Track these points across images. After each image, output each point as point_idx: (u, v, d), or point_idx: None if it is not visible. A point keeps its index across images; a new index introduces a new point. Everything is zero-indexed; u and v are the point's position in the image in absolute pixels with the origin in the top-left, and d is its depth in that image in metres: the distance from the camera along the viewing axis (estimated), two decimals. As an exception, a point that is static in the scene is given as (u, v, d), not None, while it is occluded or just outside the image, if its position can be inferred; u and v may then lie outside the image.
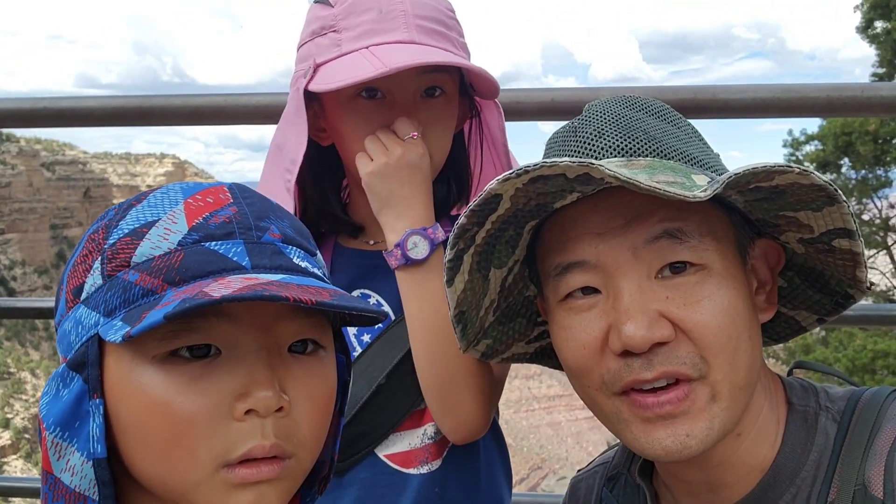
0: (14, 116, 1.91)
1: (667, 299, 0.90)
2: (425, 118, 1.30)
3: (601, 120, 0.99)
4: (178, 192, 0.80)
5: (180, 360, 0.72)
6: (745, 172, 0.83)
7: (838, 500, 0.91)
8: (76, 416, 0.75)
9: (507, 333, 1.16)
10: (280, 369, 0.76)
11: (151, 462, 0.75)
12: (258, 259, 0.75)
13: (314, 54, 1.29)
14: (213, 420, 0.72)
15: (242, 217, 0.78)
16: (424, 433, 1.36)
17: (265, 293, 0.67)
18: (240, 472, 0.72)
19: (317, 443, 0.81)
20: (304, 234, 0.84)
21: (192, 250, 0.74)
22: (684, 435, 0.89)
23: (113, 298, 0.74)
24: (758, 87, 1.72)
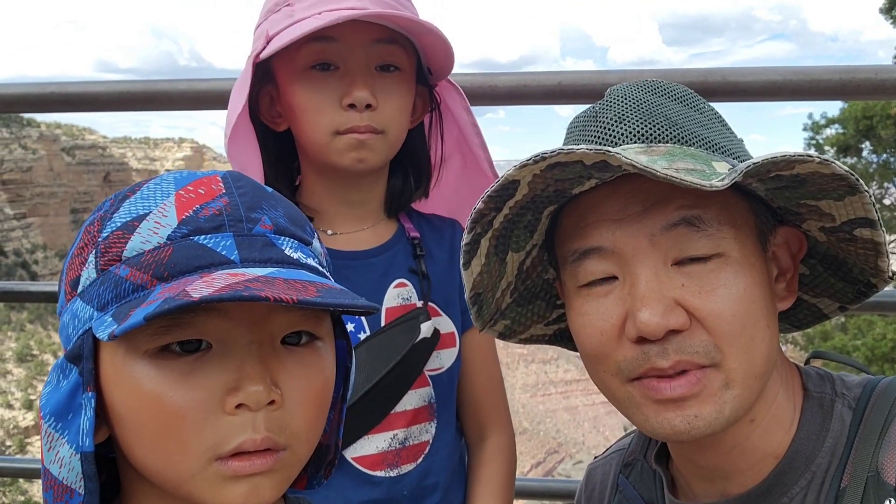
0: (22, 101, 1.92)
1: (682, 287, 0.90)
2: (380, 91, 1.29)
3: (622, 105, 0.99)
4: (171, 183, 0.79)
5: (172, 355, 0.73)
6: (764, 161, 0.82)
7: (851, 486, 0.91)
8: (70, 408, 0.75)
9: (526, 315, 1.16)
10: (273, 362, 0.76)
11: (146, 454, 0.76)
12: (248, 252, 0.75)
13: (268, 28, 1.29)
14: (205, 414, 0.72)
15: (233, 209, 0.77)
16: (394, 437, 1.37)
17: (244, 293, 0.66)
18: (232, 464, 0.73)
19: (312, 434, 0.81)
20: (299, 223, 0.83)
21: (180, 245, 0.74)
22: (693, 416, 0.90)
23: (105, 293, 0.74)
24: (769, 70, 1.69)
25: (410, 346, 1.35)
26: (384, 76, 1.31)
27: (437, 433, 1.41)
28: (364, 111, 1.27)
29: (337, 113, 1.28)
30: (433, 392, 1.42)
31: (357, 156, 1.30)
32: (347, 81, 1.27)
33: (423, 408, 1.40)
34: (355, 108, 1.27)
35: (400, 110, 1.34)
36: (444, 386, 1.43)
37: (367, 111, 1.27)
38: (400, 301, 1.40)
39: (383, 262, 1.40)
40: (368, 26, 1.26)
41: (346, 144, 1.29)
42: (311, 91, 1.29)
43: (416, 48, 1.36)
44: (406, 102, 1.35)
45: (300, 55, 1.27)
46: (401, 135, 1.36)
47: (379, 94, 1.28)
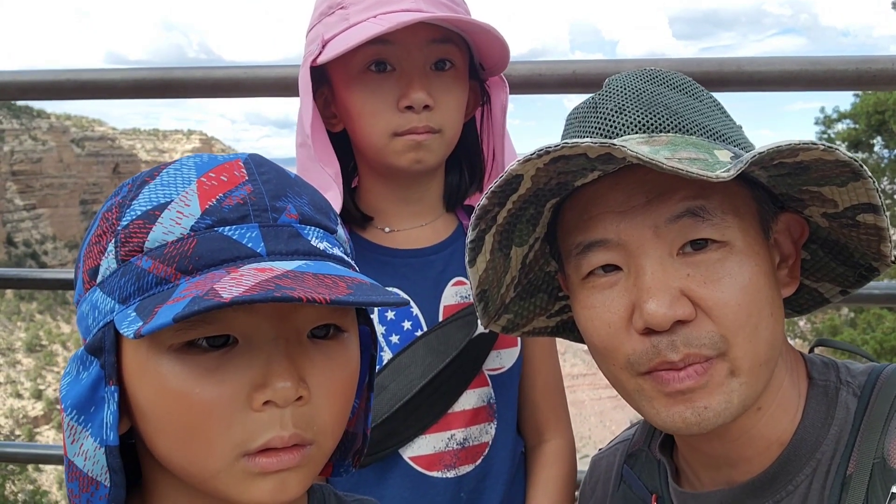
0: (38, 88, 1.92)
1: (688, 276, 0.90)
2: (436, 91, 1.29)
3: (622, 95, 0.98)
4: (192, 168, 0.77)
5: (197, 350, 0.71)
6: (769, 151, 0.82)
7: (856, 473, 0.91)
8: (92, 401, 0.74)
9: (529, 308, 1.16)
10: (300, 357, 0.74)
11: (171, 449, 0.74)
12: (274, 244, 0.73)
13: (322, 33, 1.29)
14: (231, 410, 0.71)
15: (258, 197, 0.75)
16: (452, 437, 1.36)
17: (276, 293, 0.64)
18: (260, 461, 0.72)
19: (339, 427, 0.80)
20: (324, 210, 0.81)
21: (205, 236, 0.71)
22: (702, 407, 0.90)
23: (127, 285, 0.72)
24: (784, 59, 1.68)
25: (468, 342, 1.35)
26: (440, 75, 1.30)
27: (497, 434, 1.40)
28: (421, 112, 1.27)
29: (394, 115, 1.27)
30: (493, 392, 1.41)
31: (415, 156, 1.29)
32: (404, 83, 1.27)
33: (483, 408, 1.39)
34: (412, 110, 1.27)
35: (456, 109, 1.34)
36: (504, 386, 1.42)
37: (424, 112, 1.27)
38: (458, 299, 1.39)
39: (442, 259, 1.40)
40: (424, 27, 1.25)
41: (405, 146, 1.28)
42: (367, 93, 1.28)
43: (469, 44, 1.35)
44: (461, 100, 1.35)
45: (356, 58, 1.26)
46: (457, 132, 1.36)
47: (435, 93, 1.28)
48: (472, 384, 1.38)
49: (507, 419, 1.43)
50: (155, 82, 1.85)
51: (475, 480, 1.37)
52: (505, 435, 1.41)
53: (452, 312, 1.38)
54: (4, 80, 1.93)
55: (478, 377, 1.39)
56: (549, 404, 1.50)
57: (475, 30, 1.28)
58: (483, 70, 1.40)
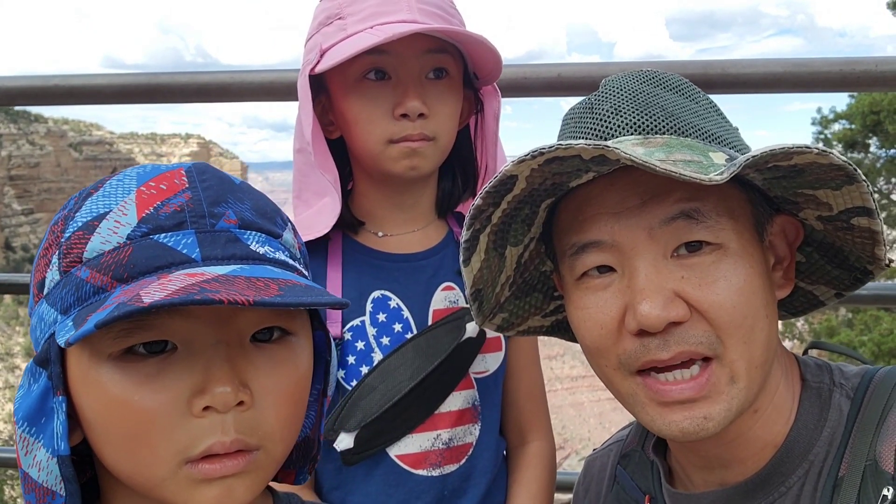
0: (26, 94, 1.93)
1: (682, 279, 0.90)
2: (431, 99, 1.31)
3: (617, 96, 0.99)
4: (133, 178, 0.77)
5: (136, 357, 0.71)
6: (763, 154, 0.82)
7: (849, 475, 0.91)
8: (42, 412, 0.74)
9: (523, 307, 1.17)
10: (241, 362, 0.74)
11: (117, 457, 0.75)
12: (210, 250, 0.73)
13: (320, 42, 1.32)
14: (172, 417, 0.71)
15: (196, 204, 0.75)
16: (438, 437, 1.39)
17: (196, 296, 0.64)
18: (203, 467, 0.72)
19: (287, 432, 0.79)
20: (269, 215, 0.81)
21: (140, 244, 0.72)
22: (702, 417, 0.90)
23: (68, 296, 0.73)
24: (768, 62, 1.69)
25: (455, 346, 1.38)
26: (435, 83, 1.33)
27: (480, 436, 1.44)
28: (416, 120, 1.30)
29: (390, 122, 1.30)
30: (477, 395, 1.44)
31: (410, 163, 1.32)
32: (400, 91, 1.30)
33: (467, 410, 1.42)
34: (408, 118, 1.29)
35: (450, 117, 1.36)
36: (488, 389, 1.46)
37: (419, 120, 1.30)
38: (447, 304, 1.42)
39: (432, 265, 1.43)
40: (419, 37, 1.28)
41: (399, 153, 1.31)
42: (364, 101, 1.31)
43: (463, 54, 1.38)
44: (455, 108, 1.38)
45: (353, 67, 1.29)
46: (451, 140, 1.38)
47: (430, 101, 1.31)
48: (458, 386, 1.41)
49: (491, 421, 1.46)
50: (142, 87, 1.87)
51: (459, 479, 1.41)
52: (488, 436, 1.45)
53: (441, 316, 1.40)
54: (-8, 86, 1.93)
55: (464, 380, 1.42)
56: (532, 407, 1.53)
57: (469, 41, 1.31)
58: (477, 79, 1.43)
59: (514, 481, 1.49)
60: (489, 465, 1.44)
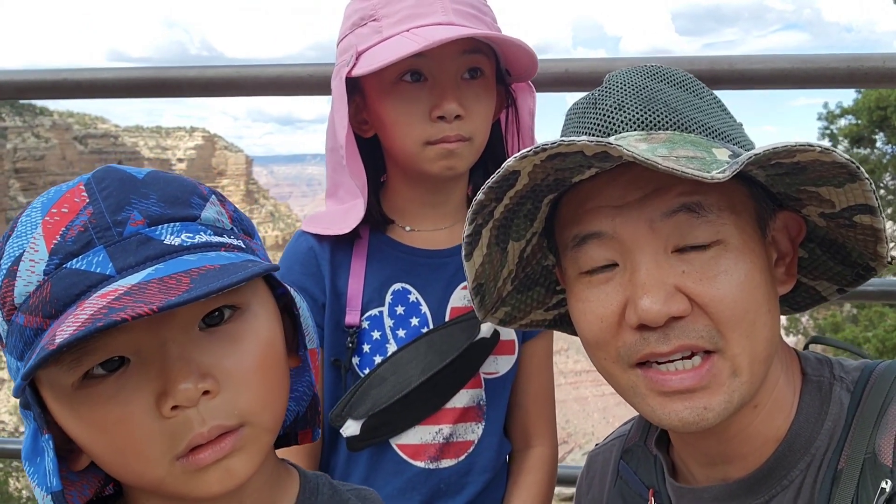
0: (35, 87, 1.94)
1: (683, 274, 0.90)
2: (467, 100, 1.32)
3: (621, 92, 0.99)
4: (39, 209, 0.77)
5: (97, 380, 0.73)
6: (765, 152, 0.82)
7: (847, 468, 0.92)
8: (36, 452, 0.77)
9: (526, 301, 1.17)
10: (195, 353, 0.75)
11: (116, 470, 0.78)
12: (122, 260, 0.73)
13: (355, 44, 1.32)
14: (146, 424, 0.73)
15: (98, 218, 0.74)
16: (439, 432, 1.41)
17: (99, 324, 0.64)
18: (193, 458, 0.74)
19: (270, 401, 0.81)
20: (180, 200, 0.79)
21: (57, 276, 0.72)
22: (702, 408, 0.90)
23: (18, 343, 0.74)
24: (777, 58, 1.68)
25: (469, 344, 1.40)
26: (470, 84, 1.34)
27: (483, 435, 1.45)
28: (453, 121, 1.31)
29: (427, 124, 1.31)
30: (484, 395, 1.46)
31: (447, 164, 1.34)
32: (437, 93, 1.31)
33: (472, 408, 1.44)
34: (445, 120, 1.30)
35: (485, 116, 1.38)
36: (496, 390, 1.47)
37: (455, 121, 1.31)
38: (466, 302, 1.44)
39: (455, 263, 1.44)
40: (455, 40, 1.27)
41: (437, 154, 1.33)
42: (401, 104, 1.32)
43: (496, 51, 1.39)
44: (490, 107, 1.40)
45: (389, 70, 1.29)
46: (485, 138, 1.40)
47: (466, 102, 1.32)
48: (466, 384, 1.43)
49: (495, 421, 1.47)
50: (149, 81, 1.87)
51: (456, 475, 1.42)
52: (491, 436, 1.46)
53: (459, 314, 1.42)
54: (1, 80, 1.94)
55: (473, 378, 1.43)
56: (539, 412, 1.54)
57: (507, 44, 1.32)
58: (509, 76, 1.44)
59: (514, 484, 1.51)
60: (489, 465, 1.45)
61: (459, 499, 1.42)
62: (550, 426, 1.56)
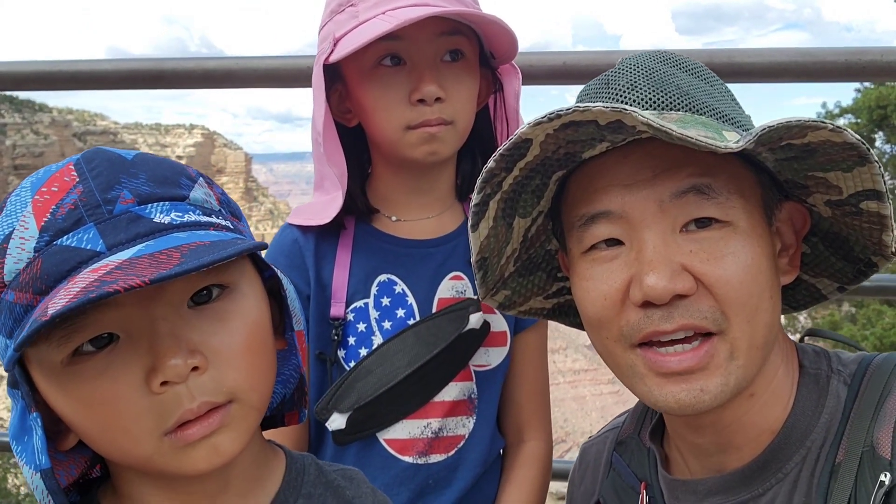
0: (33, 79, 1.94)
1: (690, 253, 0.90)
2: (447, 82, 1.30)
3: (634, 73, 0.99)
4: (28, 189, 0.77)
5: (85, 357, 0.73)
6: (779, 126, 0.82)
7: (846, 461, 0.91)
8: (23, 431, 0.77)
9: (526, 286, 1.17)
10: (184, 330, 0.76)
11: (104, 447, 0.78)
12: (113, 237, 0.74)
13: (333, 31, 1.31)
14: (134, 400, 0.73)
15: (88, 196, 0.75)
16: (428, 426, 1.39)
17: (91, 295, 0.65)
18: (182, 434, 0.75)
19: (258, 380, 0.82)
20: (169, 180, 0.81)
21: (47, 253, 0.73)
22: (699, 389, 0.90)
23: (7, 320, 0.75)
24: (775, 51, 1.69)
25: (457, 335, 1.37)
26: (450, 66, 1.32)
27: (474, 429, 1.43)
28: (434, 104, 1.29)
29: (407, 108, 1.29)
30: (476, 388, 1.43)
31: (429, 149, 1.32)
32: (416, 76, 1.28)
33: (462, 401, 1.42)
34: (425, 103, 1.28)
35: (468, 99, 1.35)
36: (488, 384, 1.45)
37: (436, 104, 1.29)
38: (454, 293, 1.42)
39: (443, 252, 1.42)
40: (433, 20, 1.26)
41: (418, 138, 1.30)
42: (380, 89, 1.30)
43: (478, 33, 1.37)
44: (473, 90, 1.37)
45: (367, 55, 1.28)
46: (469, 122, 1.37)
47: (446, 85, 1.30)
48: (456, 377, 1.41)
49: (487, 416, 1.45)
50: (147, 73, 1.87)
51: (446, 470, 1.40)
52: (482, 430, 1.44)
53: (446, 305, 1.40)
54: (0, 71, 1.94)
55: (463, 371, 1.41)
56: (533, 406, 1.52)
57: (483, 22, 1.30)
58: (494, 59, 1.41)
59: (507, 479, 1.48)
60: (479, 459, 1.43)
61: (448, 494, 1.40)
62: (544, 421, 1.54)
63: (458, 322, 1.38)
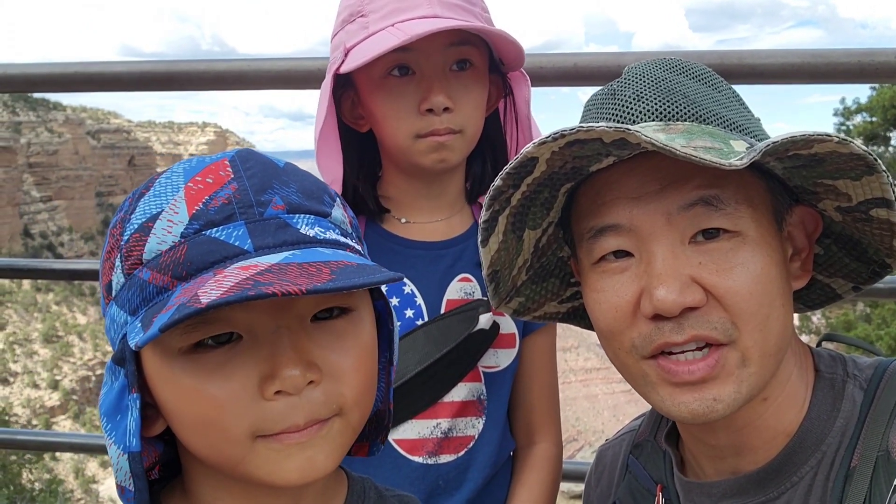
0: (47, 80, 1.96)
1: (699, 265, 0.90)
2: (456, 92, 1.32)
3: (640, 83, 0.98)
4: (181, 175, 0.78)
5: (205, 350, 0.74)
6: (784, 141, 0.82)
7: (860, 466, 0.91)
8: (118, 409, 0.77)
9: (540, 293, 1.17)
10: (305, 343, 0.76)
11: (196, 442, 0.78)
12: (261, 239, 0.74)
13: (344, 41, 1.33)
14: (243, 401, 0.74)
15: (242, 194, 0.76)
16: (437, 426, 1.40)
17: (250, 292, 0.65)
18: (279, 436, 0.75)
19: (364, 400, 0.82)
20: (316, 196, 0.82)
21: (194, 241, 0.73)
22: (711, 399, 0.90)
23: (134, 297, 0.75)
24: (787, 52, 1.67)
25: (466, 335, 1.38)
26: (459, 75, 1.34)
27: (484, 430, 1.44)
28: (442, 114, 1.31)
29: (416, 118, 1.31)
30: (485, 389, 1.44)
31: (438, 157, 1.34)
32: (425, 86, 1.30)
33: (472, 402, 1.42)
34: (433, 113, 1.30)
35: (476, 107, 1.37)
36: (497, 385, 1.46)
37: (444, 114, 1.31)
38: (462, 294, 1.43)
39: (452, 255, 1.44)
40: (442, 31, 1.27)
41: (427, 147, 1.33)
42: (390, 98, 1.32)
43: (487, 41, 1.38)
44: (481, 98, 1.38)
45: (377, 65, 1.30)
46: (478, 129, 1.39)
47: (455, 94, 1.32)
48: (465, 378, 1.41)
49: (497, 417, 1.45)
50: (160, 74, 1.89)
51: (455, 471, 1.41)
52: (492, 431, 1.44)
53: (455, 307, 1.41)
54: (14, 73, 1.96)
55: (472, 372, 1.42)
56: (543, 408, 1.52)
57: (489, 35, 1.32)
58: (503, 65, 1.43)
59: (517, 482, 1.49)
60: (489, 461, 1.43)
61: (459, 495, 1.41)
62: (554, 423, 1.54)
63: (468, 322, 1.39)
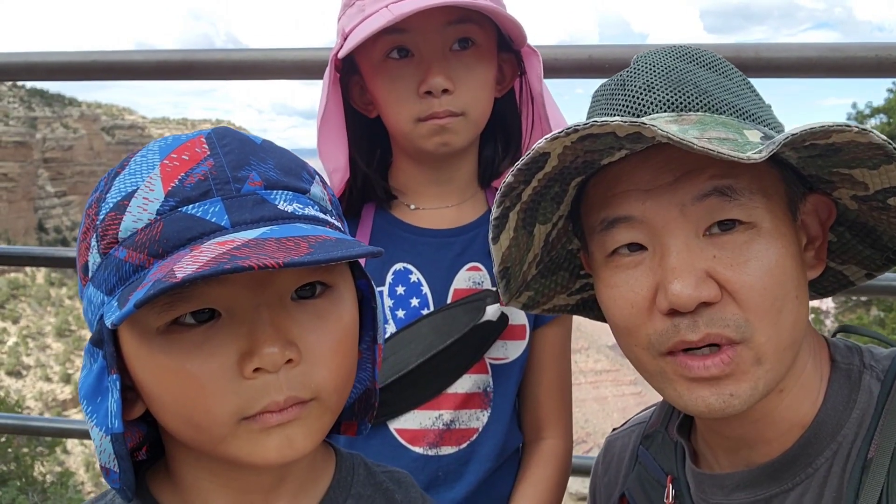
0: (66, 69, 1.97)
1: (714, 258, 0.89)
2: (457, 72, 1.28)
3: (650, 73, 0.97)
4: (156, 152, 0.77)
5: (183, 328, 0.73)
6: (802, 133, 0.81)
7: (878, 457, 0.90)
8: (98, 391, 0.76)
9: (549, 286, 1.16)
10: (285, 320, 0.75)
11: (177, 423, 0.77)
12: (238, 215, 0.74)
13: (344, 25, 1.31)
14: (223, 381, 0.73)
15: (219, 170, 0.75)
16: (439, 417, 1.37)
17: (226, 266, 0.64)
18: (260, 418, 0.74)
19: (343, 382, 0.81)
20: (294, 171, 0.81)
21: (170, 218, 0.73)
22: (728, 394, 0.89)
23: (110, 277, 0.74)
24: (804, 46, 1.66)
25: (472, 326, 1.36)
26: (460, 55, 1.30)
27: (489, 423, 1.40)
28: (441, 96, 1.27)
29: (416, 101, 1.28)
30: (491, 381, 1.41)
31: (440, 140, 1.31)
32: (423, 68, 1.27)
33: (477, 394, 1.40)
34: (432, 95, 1.27)
35: (480, 88, 1.33)
36: (504, 377, 1.42)
37: (444, 96, 1.27)
38: (470, 284, 1.40)
39: (461, 242, 1.41)
40: (439, 10, 1.23)
41: (429, 130, 1.30)
42: (389, 81, 1.30)
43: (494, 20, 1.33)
44: (486, 78, 1.34)
45: (375, 48, 1.28)
46: (484, 111, 1.35)
47: (456, 75, 1.28)
48: (471, 370, 1.39)
49: (503, 410, 1.42)
50: (177, 64, 1.90)
51: (456, 463, 1.38)
52: (497, 425, 1.41)
53: (462, 296, 1.39)
54: (34, 61, 1.97)
55: (478, 364, 1.40)
56: (552, 403, 1.49)
57: (483, 10, 1.27)
58: (513, 42, 1.38)
59: (523, 478, 1.45)
60: (492, 454, 1.40)
61: (459, 487, 1.38)
62: (564, 418, 1.50)
63: (474, 313, 1.37)
